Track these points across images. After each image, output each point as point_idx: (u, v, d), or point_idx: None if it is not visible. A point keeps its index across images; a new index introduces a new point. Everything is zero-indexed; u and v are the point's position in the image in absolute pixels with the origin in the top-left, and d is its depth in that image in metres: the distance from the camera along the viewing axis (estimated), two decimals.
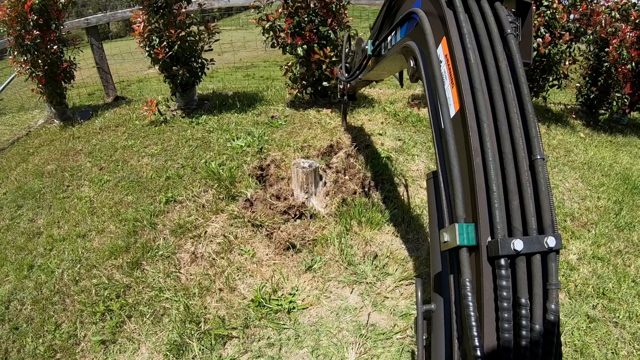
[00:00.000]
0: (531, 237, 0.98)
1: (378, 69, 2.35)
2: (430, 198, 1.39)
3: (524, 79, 1.13)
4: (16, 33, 4.68)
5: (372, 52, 2.23)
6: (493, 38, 1.17)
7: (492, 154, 1.04)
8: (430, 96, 1.32)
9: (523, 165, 1.04)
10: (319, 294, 2.50)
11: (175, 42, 4.47)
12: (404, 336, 2.23)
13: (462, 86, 1.13)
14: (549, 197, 1.03)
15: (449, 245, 1.06)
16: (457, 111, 1.17)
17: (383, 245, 2.85)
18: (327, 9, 4.47)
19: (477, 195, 1.04)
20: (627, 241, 3.14)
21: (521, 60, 1.16)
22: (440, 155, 1.22)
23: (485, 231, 1.01)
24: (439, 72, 1.23)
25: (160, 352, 2.20)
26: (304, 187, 3.07)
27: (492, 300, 0.98)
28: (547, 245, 0.97)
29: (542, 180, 1.03)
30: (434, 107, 1.28)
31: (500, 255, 0.95)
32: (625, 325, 2.44)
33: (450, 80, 1.19)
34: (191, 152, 3.97)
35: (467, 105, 1.11)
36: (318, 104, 4.99)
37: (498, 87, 1.11)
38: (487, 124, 1.07)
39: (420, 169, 3.68)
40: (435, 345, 1.21)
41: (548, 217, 1.01)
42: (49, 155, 4.44)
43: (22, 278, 2.80)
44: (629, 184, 3.94)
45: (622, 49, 5.02)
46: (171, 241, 2.90)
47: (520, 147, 1.05)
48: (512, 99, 1.10)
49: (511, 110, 1.08)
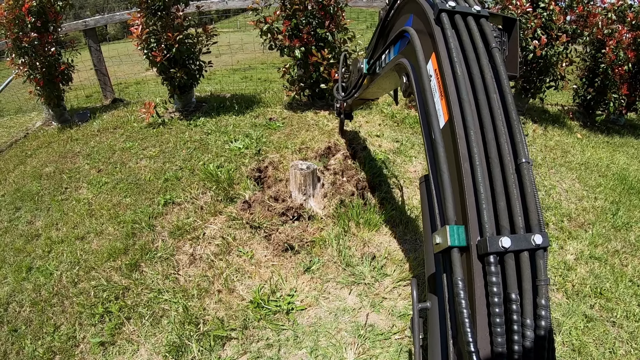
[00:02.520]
0: (519, 235, 1.02)
1: (373, 87, 2.42)
2: (423, 201, 1.45)
3: (508, 89, 1.19)
4: (14, 35, 4.68)
5: (367, 70, 2.32)
6: (479, 52, 1.24)
7: (479, 159, 1.10)
8: (422, 109, 1.39)
9: (509, 168, 1.09)
10: (318, 295, 2.51)
11: (173, 45, 4.47)
12: (402, 336, 2.24)
13: (450, 98, 1.20)
14: (535, 198, 1.07)
15: (441, 246, 1.11)
16: (446, 121, 1.23)
17: (381, 246, 2.85)
18: (325, 11, 4.48)
19: (467, 198, 1.09)
20: (624, 241, 3.15)
21: (506, 72, 1.22)
22: (432, 162, 1.28)
23: (475, 232, 1.06)
24: (428, 86, 1.30)
25: (159, 354, 2.20)
26: (302, 189, 3.08)
27: (484, 297, 1.02)
28: (535, 242, 1.01)
29: (528, 182, 1.08)
30: (425, 119, 1.33)
31: (489, 253, 0.99)
32: (623, 325, 2.45)
33: (440, 92, 1.26)
34: (189, 154, 3.97)
35: (455, 115, 1.17)
36: (316, 106, 5.00)
37: (484, 97, 1.17)
38: (474, 131, 1.13)
39: (418, 170, 3.69)
40: (432, 343, 1.24)
41: (535, 216, 1.05)
42: (47, 158, 4.43)
43: (21, 280, 2.80)
44: (625, 184, 3.96)
45: (619, 50, 5.06)
46: (170, 243, 2.90)
47: (506, 152, 1.11)
48: (497, 107, 1.16)
49: (497, 118, 1.14)
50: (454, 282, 1.03)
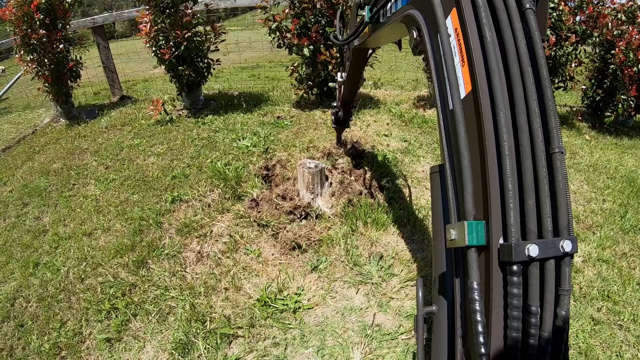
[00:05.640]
0: (546, 240, 0.91)
1: (375, 37, 2.14)
2: (434, 194, 1.27)
3: (543, 60, 1.01)
4: (22, 32, 4.72)
5: (369, 19, 2.03)
6: (511, 12, 1.03)
7: (508, 146, 0.94)
8: (437, 73, 1.18)
9: (541, 159, 0.94)
10: (325, 294, 2.50)
11: (182, 43, 4.48)
12: (409, 337, 2.23)
13: (475, 65, 1.01)
14: (566, 196, 0.95)
15: (455, 243, 0.98)
16: (468, 93, 1.04)
17: (389, 246, 2.85)
18: (334, 10, 4.47)
19: (490, 191, 0.95)
20: (632, 244, 3.13)
21: (541, 40, 1.02)
22: (448, 141, 1.10)
23: (497, 230, 0.94)
24: (448, 47, 1.10)
25: (165, 351, 2.20)
26: (309, 188, 3.07)
27: (502, 307, 0.92)
28: (563, 249, 0.91)
29: (560, 176, 0.95)
30: (441, 87, 1.15)
31: (514, 262, 0.89)
32: (630, 328, 2.43)
33: (461, 57, 1.07)
34: (197, 151, 3.98)
35: (481, 88, 0.99)
36: (324, 105, 5.00)
37: (517, 70, 0.99)
38: (504, 112, 0.96)
39: (426, 170, 3.68)
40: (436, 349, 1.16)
41: (564, 217, 0.95)
42: (55, 154, 4.46)
43: (28, 275, 2.82)
44: (634, 186, 3.93)
45: (629, 52, 5.01)
46: (177, 240, 2.90)
47: (539, 139, 0.95)
48: (531, 83, 0.98)
49: (530, 97, 0.97)
50: (468, 286, 0.93)
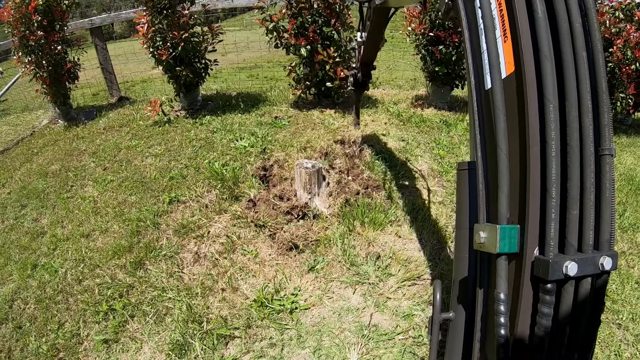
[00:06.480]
0: (586, 256, 0.82)
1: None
2: (461, 192, 1.14)
3: (600, 45, 0.87)
4: (20, 34, 4.71)
5: None
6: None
7: (555, 146, 0.82)
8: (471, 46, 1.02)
9: (589, 163, 0.83)
10: (322, 295, 2.50)
11: (179, 43, 4.48)
12: (406, 337, 2.23)
13: (521, 42, 0.86)
14: (611, 205, 0.85)
15: (485, 247, 0.89)
16: (509, 74, 0.90)
17: (386, 246, 2.84)
18: (331, 10, 4.47)
19: (530, 194, 0.84)
20: (630, 242, 3.12)
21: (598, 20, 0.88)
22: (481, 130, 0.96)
23: (532, 239, 0.84)
24: (489, 15, 0.94)
25: (162, 352, 2.20)
26: (307, 188, 3.07)
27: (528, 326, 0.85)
28: (602, 267, 0.82)
29: (608, 183, 0.84)
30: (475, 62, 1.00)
31: (550, 281, 0.80)
32: (629, 327, 2.43)
33: (503, 31, 0.92)
34: (195, 152, 3.98)
35: (527, 72, 0.85)
36: (321, 105, 4.99)
37: (571, 55, 0.84)
38: (554, 106, 0.82)
39: (424, 169, 3.67)
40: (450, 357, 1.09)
41: (607, 230, 0.85)
42: (53, 155, 4.45)
43: (26, 277, 2.82)
44: (632, 185, 3.92)
45: (627, 49, 5.00)
46: (174, 241, 2.90)
47: (589, 139, 0.83)
48: (585, 72, 0.84)
49: (583, 89, 0.84)
50: (495, 296, 0.84)
